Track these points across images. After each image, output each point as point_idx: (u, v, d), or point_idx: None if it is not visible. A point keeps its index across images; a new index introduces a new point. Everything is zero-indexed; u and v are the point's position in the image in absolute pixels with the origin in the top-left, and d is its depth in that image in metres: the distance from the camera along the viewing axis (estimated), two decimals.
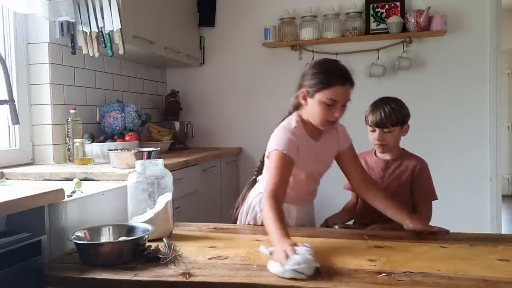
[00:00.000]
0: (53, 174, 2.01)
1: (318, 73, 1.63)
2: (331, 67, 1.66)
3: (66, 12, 2.28)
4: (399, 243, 1.48)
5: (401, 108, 1.89)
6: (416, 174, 1.90)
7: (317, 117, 1.66)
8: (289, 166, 1.61)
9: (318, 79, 1.62)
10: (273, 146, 1.64)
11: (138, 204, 1.60)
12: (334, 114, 1.64)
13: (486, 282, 1.14)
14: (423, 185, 1.90)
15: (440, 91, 3.16)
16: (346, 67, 1.67)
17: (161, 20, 2.92)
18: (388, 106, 1.86)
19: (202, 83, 3.61)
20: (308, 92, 1.65)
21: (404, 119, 1.89)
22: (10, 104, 1.73)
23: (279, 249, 1.27)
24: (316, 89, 1.62)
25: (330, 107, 1.62)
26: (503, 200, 3.38)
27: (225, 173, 3.22)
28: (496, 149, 3.15)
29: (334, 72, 1.63)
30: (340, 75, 1.62)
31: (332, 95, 1.61)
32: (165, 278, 1.23)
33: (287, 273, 1.17)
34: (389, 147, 1.91)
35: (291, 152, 1.61)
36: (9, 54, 2.25)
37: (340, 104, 1.63)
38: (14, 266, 1.29)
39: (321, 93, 1.61)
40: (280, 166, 1.60)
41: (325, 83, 1.61)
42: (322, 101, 1.62)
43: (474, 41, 3.13)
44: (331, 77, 1.61)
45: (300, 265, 1.17)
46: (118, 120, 2.58)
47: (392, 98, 1.92)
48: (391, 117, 1.85)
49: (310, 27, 3.24)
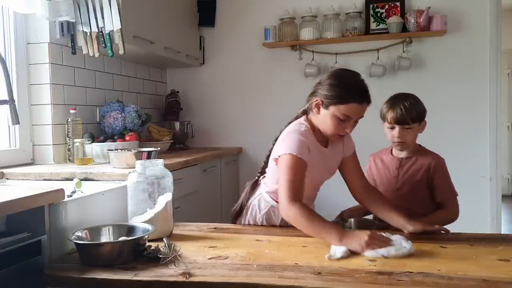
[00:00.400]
0: (53, 174, 2.01)
1: (336, 86, 1.60)
2: (352, 82, 1.62)
3: (66, 12, 2.28)
4: None
5: (419, 104, 1.85)
6: (432, 171, 1.87)
7: (328, 129, 1.64)
8: (303, 169, 1.58)
9: (335, 92, 1.59)
10: (286, 149, 1.60)
11: (138, 204, 1.60)
12: (345, 130, 1.63)
13: (486, 282, 1.14)
14: (443, 182, 1.86)
15: (440, 91, 3.16)
16: (365, 83, 1.63)
17: (161, 20, 2.92)
18: (407, 101, 1.82)
19: (202, 83, 3.61)
20: (322, 102, 1.62)
21: (423, 115, 1.86)
22: (10, 104, 1.73)
23: (362, 239, 1.37)
24: (331, 101, 1.59)
25: (342, 122, 1.61)
26: (503, 200, 3.38)
27: (225, 173, 3.22)
28: (496, 149, 3.15)
29: (354, 88, 1.60)
30: (359, 93, 1.59)
31: (347, 111, 1.58)
32: (165, 278, 1.23)
33: (412, 249, 1.35)
34: (407, 144, 1.87)
35: (304, 155, 1.58)
36: (9, 54, 2.25)
37: (353, 120, 1.62)
38: (14, 266, 1.29)
39: (336, 106, 1.59)
40: (295, 170, 1.56)
41: (342, 98, 1.58)
42: (336, 115, 1.60)
43: (474, 41, 3.13)
44: (349, 93, 1.58)
45: (403, 241, 1.39)
46: (118, 120, 2.58)
47: (408, 94, 1.89)
48: (412, 112, 1.81)
49: (310, 27, 3.24)
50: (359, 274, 1.21)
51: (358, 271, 1.23)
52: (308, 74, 3.29)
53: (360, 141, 1.92)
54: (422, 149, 1.95)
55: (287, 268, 1.26)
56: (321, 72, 3.28)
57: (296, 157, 1.57)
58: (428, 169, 1.88)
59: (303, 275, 1.21)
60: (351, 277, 1.19)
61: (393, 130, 1.85)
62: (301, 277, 1.20)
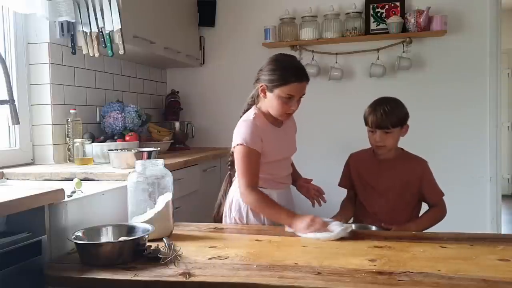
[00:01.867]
0: (53, 174, 2.01)
1: (276, 70, 1.74)
2: (289, 64, 1.77)
3: (66, 12, 2.29)
4: (399, 243, 1.48)
5: (400, 108, 1.87)
6: (421, 176, 1.89)
7: (276, 109, 1.78)
8: (255, 158, 1.73)
9: (276, 75, 1.73)
10: (237, 140, 1.75)
11: (138, 204, 1.60)
12: (291, 108, 1.77)
13: (486, 282, 1.14)
14: (432, 185, 1.90)
15: (440, 91, 3.16)
16: (301, 64, 1.82)
17: (161, 20, 2.92)
18: (388, 106, 1.84)
19: (202, 83, 3.61)
20: (267, 86, 1.76)
21: (404, 119, 1.87)
22: (10, 104, 1.73)
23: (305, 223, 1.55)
24: (274, 84, 1.74)
25: (288, 100, 1.74)
26: (503, 200, 3.38)
27: (225, 173, 3.20)
28: (496, 149, 3.15)
29: (292, 69, 1.75)
30: (298, 72, 1.75)
31: (290, 91, 1.73)
32: (165, 278, 1.23)
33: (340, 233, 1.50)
34: (388, 148, 1.88)
35: (254, 145, 1.72)
36: (9, 54, 2.25)
37: (297, 98, 1.76)
38: (14, 266, 1.29)
39: (279, 88, 1.73)
40: (247, 160, 1.72)
41: (283, 79, 1.72)
42: (281, 96, 1.74)
43: (474, 41, 3.13)
44: (288, 74, 1.73)
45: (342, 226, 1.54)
46: (118, 120, 2.58)
47: (391, 98, 1.90)
48: (392, 117, 1.82)
49: (310, 27, 3.24)
50: (359, 274, 1.21)
51: (358, 271, 1.23)
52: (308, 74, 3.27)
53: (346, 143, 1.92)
54: (405, 153, 1.95)
55: (287, 268, 1.26)
56: (321, 72, 3.28)
57: (247, 147, 1.72)
58: (414, 173, 1.89)
59: (303, 275, 1.21)
60: (351, 277, 1.19)
61: (374, 134, 1.87)
62: (301, 277, 1.20)
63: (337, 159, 2.28)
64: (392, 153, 1.92)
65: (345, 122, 3.21)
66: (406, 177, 1.89)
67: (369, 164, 1.96)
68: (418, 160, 1.93)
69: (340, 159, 2.10)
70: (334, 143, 3.27)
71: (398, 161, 1.92)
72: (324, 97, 3.29)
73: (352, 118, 3.37)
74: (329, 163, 2.11)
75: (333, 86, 3.31)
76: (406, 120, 1.88)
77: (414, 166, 1.91)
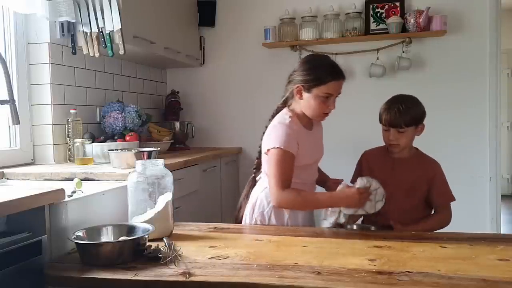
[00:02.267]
0: (53, 174, 2.01)
1: (313, 69, 1.73)
2: (325, 63, 1.77)
3: (67, 12, 2.29)
4: (399, 243, 1.49)
5: (416, 107, 1.85)
6: (432, 177, 1.87)
7: (313, 110, 1.75)
8: (291, 162, 1.69)
9: (313, 75, 1.72)
10: (273, 143, 1.69)
11: (138, 204, 1.60)
12: (329, 107, 1.75)
13: (486, 282, 1.14)
14: (441, 188, 1.87)
15: (440, 91, 3.16)
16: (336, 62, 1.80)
17: (161, 20, 2.92)
18: (403, 104, 1.81)
19: (202, 83, 3.61)
20: (303, 87, 1.73)
21: (419, 119, 1.85)
22: (10, 104, 1.73)
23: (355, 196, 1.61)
24: (312, 84, 1.72)
25: (326, 100, 1.73)
26: (503, 200, 3.38)
27: (225, 173, 3.22)
28: (496, 149, 3.15)
29: (328, 68, 1.74)
30: (335, 70, 1.74)
31: (327, 89, 1.71)
32: (165, 277, 1.23)
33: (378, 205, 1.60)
34: (401, 147, 1.86)
35: (291, 148, 1.68)
36: (9, 54, 2.25)
37: (334, 97, 1.75)
38: (15, 266, 1.29)
39: (317, 88, 1.71)
40: (282, 164, 1.67)
41: (321, 78, 1.71)
42: (319, 96, 1.72)
43: (474, 41, 3.13)
44: (326, 73, 1.72)
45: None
46: (118, 120, 2.58)
47: (408, 96, 1.88)
48: (406, 116, 1.80)
49: (310, 27, 3.25)
50: (359, 274, 1.21)
51: (358, 271, 1.23)
52: None
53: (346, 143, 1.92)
54: (420, 153, 1.95)
55: (287, 268, 1.26)
56: None
57: (283, 150, 1.67)
58: (426, 173, 1.88)
59: (303, 274, 1.22)
60: (351, 277, 1.19)
61: (387, 132, 1.86)
62: (301, 276, 1.20)
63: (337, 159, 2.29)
64: (406, 152, 1.90)
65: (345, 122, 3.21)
66: (418, 177, 1.87)
67: (382, 162, 1.93)
68: (431, 161, 1.92)
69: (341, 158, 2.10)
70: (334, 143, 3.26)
71: (412, 160, 1.90)
72: None
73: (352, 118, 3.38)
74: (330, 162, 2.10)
75: None
76: (422, 119, 1.86)
77: (427, 166, 1.89)
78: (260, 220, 1.80)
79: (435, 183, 1.87)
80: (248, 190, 1.92)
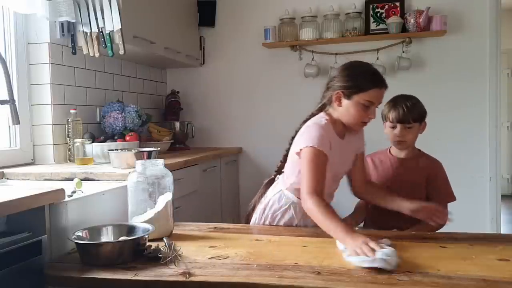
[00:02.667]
0: (53, 174, 2.01)
1: (355, 76, 1.67)
2: (367, 70, 1.70)
3: (67, 13, 2.29)
4: (399, 243, 1.48)
5: (421, 104, 1.91)
6: (432, 176, 1.91)
7: (352, 117, 1.68)
8: (324, 162, 1.62)
9: (355, 81, 1.65)
10: (306, 142, 1.63)
11: (138, 204, 1.60)
12: (369, 116, 1.68)
13: (486, 282, 1.14)
14: (439, 187, 1.90)
15: (439, 91, 3.16)
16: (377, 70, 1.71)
17: (161, 20, 2.92)
18: (409, 101, 1.88)
19: (202, 83, 3.61)
20: (343, 93, 1.67)
21: (424, 115, 1.91)
22: (10, 104, 1.73)
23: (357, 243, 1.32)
24: (353, 91, 1.65)
25: (366, 109, 1.66)
26: (503, 200, 3.38)
27: (225, 173, 3.22)
28: (496, 149, 3.15)
29: (371, 75, 1.67)
30: (378, 78, 1.67)
31: (370, 97, 1.64)
32: (165, 277, 1.23)
33: (376, 262, 1.22)
34: (407, 143, 1.92)
35: (324, 148, 1.61)
36: (9, 54, 2.25)
37: (375, 106, 1.68)
38: (15, 266, 1.29)
39: (358, 95, 1.64)
40: (314, 164, 1.60)
41: (364, 85, 1.64)
42: (360, 103, 1.65)
43: (474, 41, 3.13)
44: (368, 80, 1.65)
45: (389, 256, 1.24)
46: (118, 120, 2.58)
47: (409, 95, 1.94)
48: (414, 112, 1.87)
49: (310, 27, 3.25)
50: (359, 274, 1.21)
51: (358, 271, 1.23)
52: (308, 74, 3.29)
53: None
54: (422, 153, 1.99)
55: (287, 268, 1.26)
56: (320, 72, 3.28)
57: (317, 149, 1.60)
58: (428, 172, 1.91)
59: (302, 274, 1.22)
60: (351, 277, 1.19)
61: (394, 129, 1.89)
62: (301, 277, 1.20)
63: None
64: (410, 152, 1.95)
65: None
66: (421, 177, 1.91)
67: (386, 164, 1.98)
68: (434, 161, 1.96)
69: None
70: None
71: (415, 160, 1.95)
72: None
73: None
74: None
75: None
76: (425, 116, 1.92)
77: (429, 166, 1.93)
78: (269, 221, 1.80)
79: (437, 182, 1.90)
80: (263, 191, 1.88)
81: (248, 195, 2.01)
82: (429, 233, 1.70)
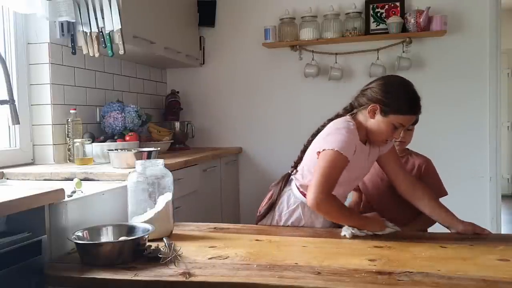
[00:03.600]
0: (53, 174, 2.01)
1: (397, 95, 1.65)
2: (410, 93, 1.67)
3: (67, 12, 2.29)
4: (399, 243, 1.49)
5: None
6: (423, 172, 1.94)
7: (381, 134, 1.68)
8: (343, 167, 1.62)
9: (396, 102, 1.64)
10: (333, 144, 1.61)
11: (138, 204, 1.60)
12: (395, 136, 1.69)
13: (486, 282, 1.14)
14: (432, 183, 1.92)
15: (440, 91, 3.16)
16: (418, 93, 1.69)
17: (161, 20, 2.92)
18: None
19: (202, 83, 3.61)
20: (380, 108, 1.65)
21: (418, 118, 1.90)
22: (10, 104, 1.73)
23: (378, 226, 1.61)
24: (391, 110, 1.64)
25: (395, 129, 1.66)
26: (503, 200, 3.38)
27: (225, 173, 3.22)
28: (496, 149, 3.15)
29: (413, 101, 1.66)
30: (417, 104, 1.67)
31: (404, 121, 1.65)
32: (165, 278, 1.23)
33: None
34: (406, 144, 1.96)
35: (348, 154, 1.61)
36: (9, 54, 2.25)
37: (403, 128, 1.69)
38: (14, 266, 1.29)
39: (396, 116, 1.64)
40: (335, 166, 1.60)
41: (404, 109, 1.64)
42: (393, 124, 1.65)
43: (474, 41, 3.13)
44: (409, 105, 1.65)
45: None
46: (118, 120, 2.58)
47: None
48: None
49: (310, 27, 3.24)
50: (359, 274, 1.21)
51: (358, 271, 1.23)
52: (308, 74, 3.29)
53: None
54: (411, 151, 2.03)
55: (287, 268, 1.26)
56: (320, 72, 3.28)
57: (341, 154, 1.60)
58: (419, 170, 1.95)
59: (303, 275, 1.22)
60: (351, 277, 1.19)
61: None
62: (301, 277, 1.20)
63: None
64: (401, 151, 1.98)
65: None
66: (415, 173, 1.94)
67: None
68: (423, 157, 1.99)
69: None
70: None
71: (406, 158, 1.98)
72: (324, 97, 3.29)
73: None
74: None
75: (333, 86, 3.31)
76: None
77: (419, 164, 1.96)
78: (277, 220, 1.80)
79: (429, 179, 1.93)
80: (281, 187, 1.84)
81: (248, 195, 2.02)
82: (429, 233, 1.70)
